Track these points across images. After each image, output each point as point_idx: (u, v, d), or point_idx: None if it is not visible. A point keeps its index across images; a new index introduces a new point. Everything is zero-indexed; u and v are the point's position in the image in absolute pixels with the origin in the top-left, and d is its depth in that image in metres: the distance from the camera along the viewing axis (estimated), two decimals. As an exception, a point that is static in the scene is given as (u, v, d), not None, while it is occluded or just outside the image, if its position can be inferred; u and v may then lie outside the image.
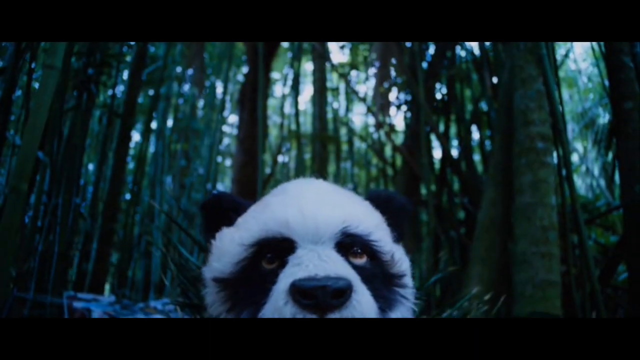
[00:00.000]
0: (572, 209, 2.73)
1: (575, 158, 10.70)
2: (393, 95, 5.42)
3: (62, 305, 3.47)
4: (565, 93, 9.87)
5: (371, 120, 6.61)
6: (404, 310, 0.52)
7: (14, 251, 1.21)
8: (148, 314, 3.64)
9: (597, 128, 7.56)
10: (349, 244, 0.53)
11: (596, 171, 8.75)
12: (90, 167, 6.92)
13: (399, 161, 5.53)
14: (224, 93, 7.39)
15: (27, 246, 3.38)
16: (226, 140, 9.13)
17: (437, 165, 5.16)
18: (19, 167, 1.27)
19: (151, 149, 6.91)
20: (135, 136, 8.25)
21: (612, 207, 5.06)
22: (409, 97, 5.10)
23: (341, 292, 0.47)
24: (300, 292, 0.47)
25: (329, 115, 6.63)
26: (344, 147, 7.09)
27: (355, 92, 6.50)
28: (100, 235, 5.40)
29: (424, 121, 3.87)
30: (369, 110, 5.81)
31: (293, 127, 6.36)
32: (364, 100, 5.99)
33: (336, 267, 0.48)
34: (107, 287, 5.93)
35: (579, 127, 10.16)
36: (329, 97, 6.81)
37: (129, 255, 6.56)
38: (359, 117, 8.65)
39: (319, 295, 0.46)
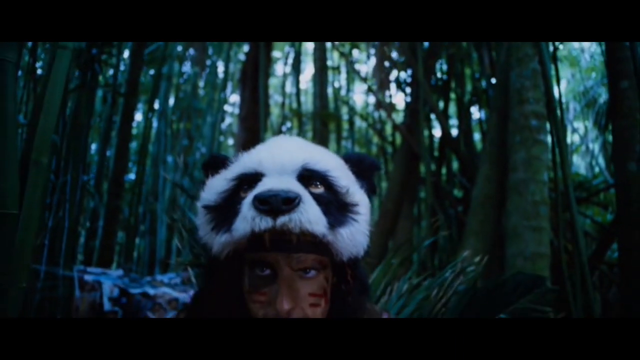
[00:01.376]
0: (564, 185, 2.82)
1: (576, 138, 10.74)
2: (393, 74, 5.46)
3: (73, 277, 3.62)
4: (568, 72, 9.82)
5: (372, 99, 6.65)
6: (354, 230, 0.63)
7: (37, 223, 1.31)
8: (155, 286, 3.79)
9: (597, 107, 7.59)
10: (309, 176, 0.65)
11: (597, 150, 8.81)
12: (93, 146, 7.01)
13: (399, 140, 5.60)
14: (226, 72, 7.40)
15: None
16: (228, 119, 9.18)
17: (436, 144, 5.23)
18: (38, 141, 1.36)
19: (153, 129, 6.98)
20: (138, 116, 8.32)
21: (608, 185, 5.16)
22: (409, 76, 5.14)
23: (290, 200, 0.59)
24: (259, 200, 0.59)
25: (330, 94, 6.67)
26: (345, 126, 7.15)
27: (356, 71, 6.52)
28: (106, 212, 5.54)
29: (422, 100, 3.92)
30: (369, 89, 5.85)
31: (294, 105, 6.42)
32: (365, 79, 6.02)
33: (289, 185, 0.61)
34: (114, 264, 6.10)
35: (580, 106, 10.17)
36: (330, 76, 6.83)
37: (134, 233, 6.71)
38: (360, 96, 8.67)
39: (272, 201, 0.58)
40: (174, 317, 0.85)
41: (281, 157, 0.66)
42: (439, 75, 5.19)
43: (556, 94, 3.34)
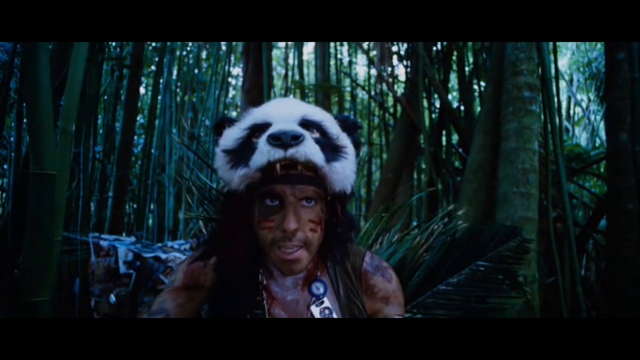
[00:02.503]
0: (554, 154, 2.96)
1: (579, 110, 10.74)
2: (395, 46, 5.50)
3: (88, 242, 3.84)
4: (573, 43, 9.72)
5: (374, 71, 6.69)
6: (344, 164, 0.80)
7: (67, 184, 1.47)
8: (166, 251, 4.00)
9: (600, 79, 7.59)
10: (307, 124, 0.81)
11: (598, 122, 8.84)
12: (100, 119, 7.13)
13: (400, 111, 5.69)
14: (229, 45, 7.43)
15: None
16: (231, 92, 9.24)
17: (436, 116, 5.32)
18: (65, 112, 1.51)
19: (159, 102, 7.08)
20: (143, 90, 8.39)
21: (604, 156, 5.27)
22: (410, 48, 5.18)
23: (297, 137, 0.75)
24: (272, 137, 0.75)
25: (332, 66, 6.70)
26: (347, 97, 7.22)
27: (358, 43, 6.53)
28: (115, 183, 5.73)
29: (422, 72, 4.01)
30: (370, 61, 5.89)
31: (297, 77, 6.48)
32: (366, 51, 6.05)
33: (295, 128, 0.78)
34: (123, 234, 6.33)
35: (583, 78, 10.13)
36: (332, 48, 6.85)
37: (143, 202, 6.92)
38: (362, 68, 8.67)
39: (283, 137, 0.74)
40: (187, 268, 0.93)
41: (285, 109, 0.82)
42: (439, 47, 5.24)
43: (552, 66, 3.43)
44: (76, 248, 3.70)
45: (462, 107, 5.17)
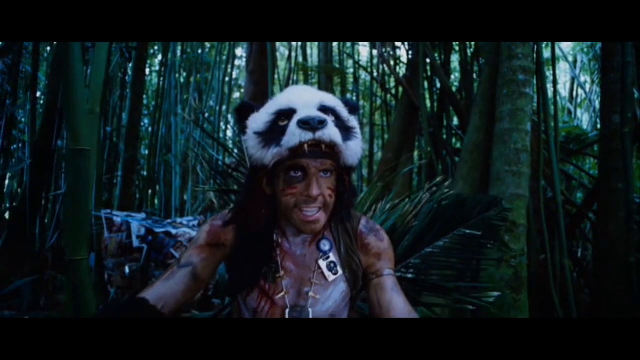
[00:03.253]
0: (545, 135, 3.09)
1: (582, 91, 10.75)
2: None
3: (102, 218, 4.03)
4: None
5: (376, 52, 6.76)
6: (356, 142, 0.98)
7: (96, 163, 1.62)
8: (176, 227, 4.19)
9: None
10: (324, 110, 0.97)
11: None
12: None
13: (401, 93, 5.79)
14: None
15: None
16: (235, 73, 9.32)
17: (437, 97, 5.43)
18: (91, 94, 1.66)
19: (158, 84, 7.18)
20: (148, 71, 8.47)
21: (599, 138, 5.38)
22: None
23: (322, 122, 0.90)
24: (302, 121, 0.89)
25: (335, 48, 6.77)
26: (350, 79, 7.31)
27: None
28: (124, 162, 5.91)
29: (423, 53, 4.11)
30: (373, 42, 5.97)
31: (300, 58, 6.56)
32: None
33: (319, 114, 0.94)
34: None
35: (587, 59, 10.12)
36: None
37: (151, 182, 7.11)
38: (365, 49, 8.71)
39: (311, 122, 0.89)
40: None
41: (306, 97, 0.98)
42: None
43: (549, 49, 3.53)
44: (91, 223, 3.89)
45: (461, 89, 5.27)
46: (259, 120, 0.99)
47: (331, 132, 0.92)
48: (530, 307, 2.85)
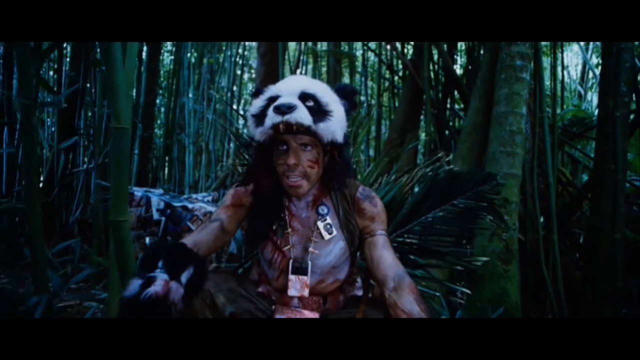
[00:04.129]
0: (539, 119, 3.27)
1: (591, 75, 10.73)
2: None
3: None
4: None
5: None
6: (329, 124, 1.17)
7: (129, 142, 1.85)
8: (192, 202, 4.46)
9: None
10: (305, 96, 1.18)
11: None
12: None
13: (408, 75, 5.93)
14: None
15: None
16: (247, 54, 9.47)
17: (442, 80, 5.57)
18: (127, 79, 1.89)
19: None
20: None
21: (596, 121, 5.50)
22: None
23: (291, 107, 1.12)
24: (275, 107, 1.13)
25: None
26: (359, 60, 7.44)
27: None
28: (140, 141, 6.18)
29: (428, 38, 4.25)
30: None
31: (310, 43, 6.71)
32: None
33: (292, 100, 1.15)
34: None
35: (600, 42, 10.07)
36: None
37: (164, 160, 7.39)
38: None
39: (281, 107, 1.12)
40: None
41: (290, 85, 1.21)
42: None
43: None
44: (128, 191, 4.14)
45: (466, 72, 5.39)
46: (256, 104, 1.23)
47: (298, 115, 1.13)
48: (523, 278, 3.09)
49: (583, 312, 3.55)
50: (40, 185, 4.42)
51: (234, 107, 7.35)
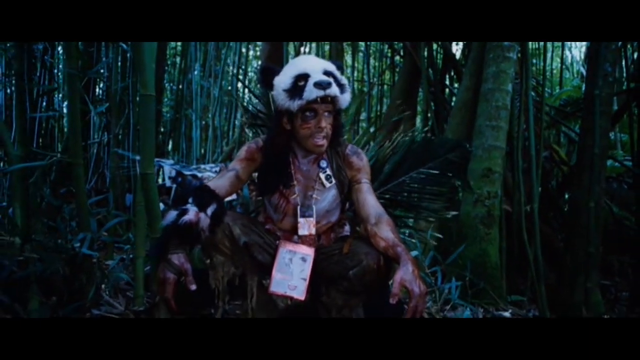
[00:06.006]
0: (524, 97, 3.52)
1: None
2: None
3: (136, 161, 4.59)
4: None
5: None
6: (346, 94, 1.47)
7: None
8: (201, 171, 4.76)
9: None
10: (327, 73, 1.46)
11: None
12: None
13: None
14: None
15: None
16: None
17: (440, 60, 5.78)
18: (152, 52, 2.15)
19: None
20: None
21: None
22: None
23: (329, 83, 1.39)
24: (316, 83, 1.38)
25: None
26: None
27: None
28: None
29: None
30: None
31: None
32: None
33: (326, 77, 1.43)
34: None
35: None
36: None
37: (173, 133, 7.67)
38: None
39: (323, 83, 1.37)
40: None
41: (315, 64, 1.47)
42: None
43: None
44: (128, 166, 4.45)
45: (463, 53, 5.60)
46: (283, 81, 1.49)
47: (334, 89, 1.43)
48: (509, 247, 3.36)
49: (561, 278, 3.86)
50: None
51: (240, 84, 7.58)
